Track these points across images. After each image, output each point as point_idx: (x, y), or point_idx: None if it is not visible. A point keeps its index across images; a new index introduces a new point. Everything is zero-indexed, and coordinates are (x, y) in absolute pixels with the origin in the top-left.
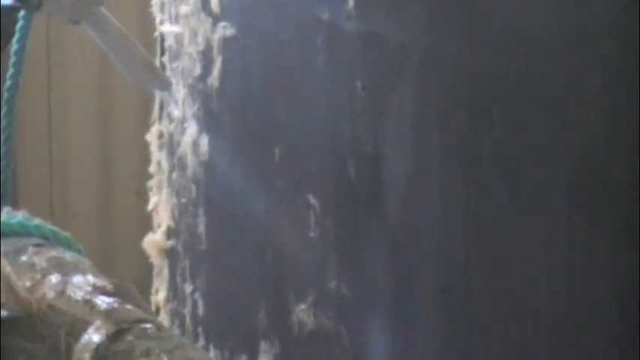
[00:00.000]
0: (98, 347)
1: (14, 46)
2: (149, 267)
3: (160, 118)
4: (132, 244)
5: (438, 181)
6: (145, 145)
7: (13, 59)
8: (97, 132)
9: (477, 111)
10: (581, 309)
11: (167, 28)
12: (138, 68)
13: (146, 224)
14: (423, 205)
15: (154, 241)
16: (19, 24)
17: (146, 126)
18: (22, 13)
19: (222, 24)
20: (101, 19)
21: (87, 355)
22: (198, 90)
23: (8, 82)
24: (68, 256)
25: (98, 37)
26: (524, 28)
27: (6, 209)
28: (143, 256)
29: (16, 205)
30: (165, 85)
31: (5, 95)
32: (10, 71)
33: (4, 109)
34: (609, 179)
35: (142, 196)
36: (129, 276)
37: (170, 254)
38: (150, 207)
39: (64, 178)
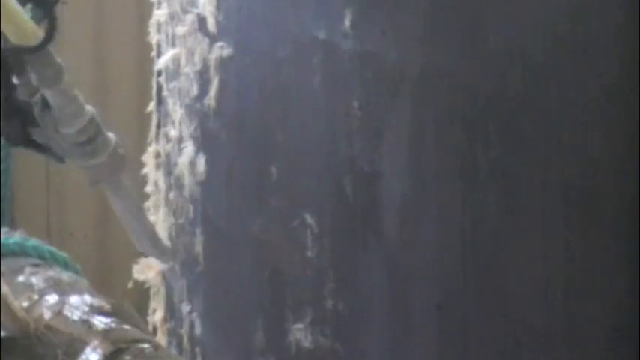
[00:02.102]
0: None
1: None
2: (146, 287)
3: (157, 138)
4: (128, 264)
5: (435, 198)
6: (142, 165)
7: None
8: None
9: (474, 128)
10: (577, 326)
11: (162, 62)
12: (143, 238)
13: None
14: (419, 223)
15: (146, 266)
16: None
17: (143, 145)
18: None
19: (218, 44)
20: (120, 186)
21: None
22: (195, 110)
23: None
24: (65, 276)
25: (112, 202)
26: (520, 46)
27: (4, 229)
28: None
29: (13, 224)
30: (167, 259)
31: None
32: None
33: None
34: (606, 196)
35: None
36: (125, 296)
37: (167, 274)
38: None
39: (61, 198)
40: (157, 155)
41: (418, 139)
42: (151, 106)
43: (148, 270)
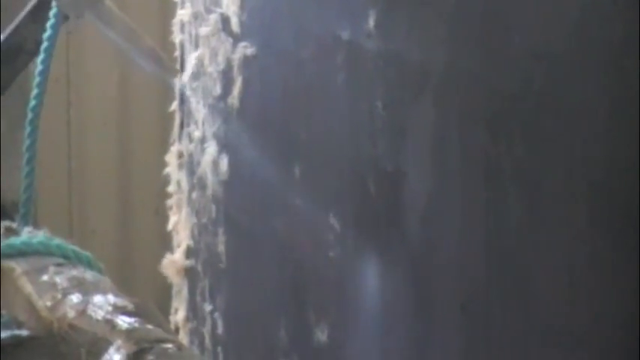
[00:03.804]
0: None
1: (38, 66)
2: (167, 286)
3: (180, 137)
4: (150, 262)
5: (458, 198)
6: (165, 164)
7: (37, 79)
8: (116, 150)
9: (497, 128)
10: (602, 327)
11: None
12: (146, 57)
13: (165, 243)
14: (443, 223)
15: (172, 262)
16: (44, 45)
17: (165, 145)
18: (45, 34)
19: (242, 44)
20: (105, 13)
21: None
22: (218, 109)
23: (32, 102)
24: (89, 275)
25: (104, 30)
26: (544, 46)
27: (27, 229)
28: (161, 275)
29: (36, 224)
30: (172, 74)
31: (29, 115)
32: (35, 91)
33: (27, 129)
34: (631, 196)
35: (161, 214)
36: (147, 295)
37: (189, 274)
38: (169, 227)
39: (83, 197)
40: (180, 155)
41: (441, 139)
42: (174, 105)
43: (172, 267)
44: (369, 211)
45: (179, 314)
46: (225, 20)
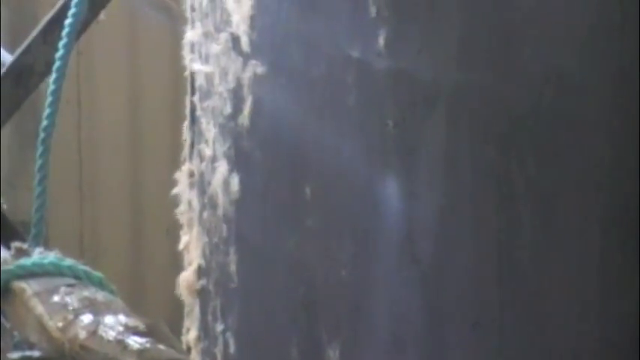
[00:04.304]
0: None
1: (50, 85)
2: (179, 305)
3: (191, 156)
4: (162, 282)
5: (470, 217)
6: (175, 184)
7: (49, 99)
8: (126, 170)
9: (509, 147)
10: (616, 347)
11: (197, 67)
12: (153, 8)
13: (176, 262)
14: (455, 242)
15: (184, 281)
16: (56, 64)
17: (176, 164)
18: (58, 53)
19: (252, 62)
20: None
21: None
22: (228, 129)
23: (44, 122)
24: (100, 296)
25: None
26: (555, 64)
27: (39, 249)
28: (173, 294)
29: (46, 242)
30: (177, 18)
31: (41, 135)
32: (47, 111)
33: (39, 149)
34: None
35: (172, 233)
36: (158, 314)
37: (201, 293)
38: (181, 246)
39: (95, 217)
40: (191, 174)
41: (453, 158)
42: (185, 125)
43: (184, 286)
44: (380, 230)
45: (191, 334)
46: (235, 39)
